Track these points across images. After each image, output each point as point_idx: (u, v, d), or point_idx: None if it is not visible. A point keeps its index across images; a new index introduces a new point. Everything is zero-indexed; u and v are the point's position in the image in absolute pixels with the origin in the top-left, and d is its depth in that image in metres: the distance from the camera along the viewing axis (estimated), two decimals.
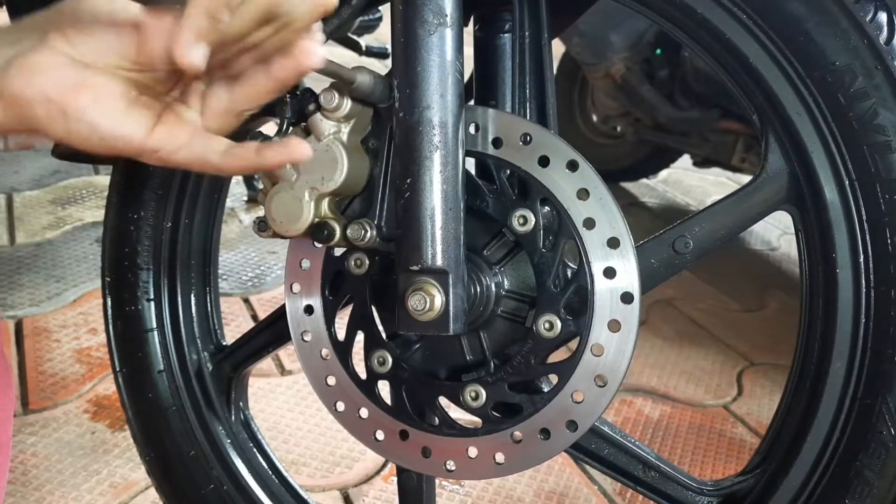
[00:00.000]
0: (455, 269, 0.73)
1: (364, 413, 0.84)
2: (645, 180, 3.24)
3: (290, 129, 0.79)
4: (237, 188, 2.65)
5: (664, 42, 2.37)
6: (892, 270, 0.69)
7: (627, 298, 0.73)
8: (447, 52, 0.72)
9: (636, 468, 0.82)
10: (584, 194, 0.74)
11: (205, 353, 1.03)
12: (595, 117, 3.00)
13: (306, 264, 0.85)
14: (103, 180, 2.69)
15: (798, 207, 0.74)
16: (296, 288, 0.86)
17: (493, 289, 0.80)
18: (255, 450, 1.04)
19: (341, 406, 0.86)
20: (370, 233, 0.75)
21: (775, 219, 2.78)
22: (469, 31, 0.83)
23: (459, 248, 0.74)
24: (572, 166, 0.74)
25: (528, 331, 0.77)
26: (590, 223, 0.74)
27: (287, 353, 1.79)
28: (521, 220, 0.75)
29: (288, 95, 0.79)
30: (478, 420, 0.80)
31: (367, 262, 0.82)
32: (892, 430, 0.70)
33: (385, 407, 0.84)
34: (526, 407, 0.77)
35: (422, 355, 0.84)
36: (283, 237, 0.86)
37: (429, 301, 0.72)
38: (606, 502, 1.44)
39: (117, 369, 1.05)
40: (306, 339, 0.86)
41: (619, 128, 2.84)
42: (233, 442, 1.02)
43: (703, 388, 1.84)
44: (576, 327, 0.75)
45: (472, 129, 0.77)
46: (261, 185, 0.84)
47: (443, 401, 0.82)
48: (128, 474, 1.40)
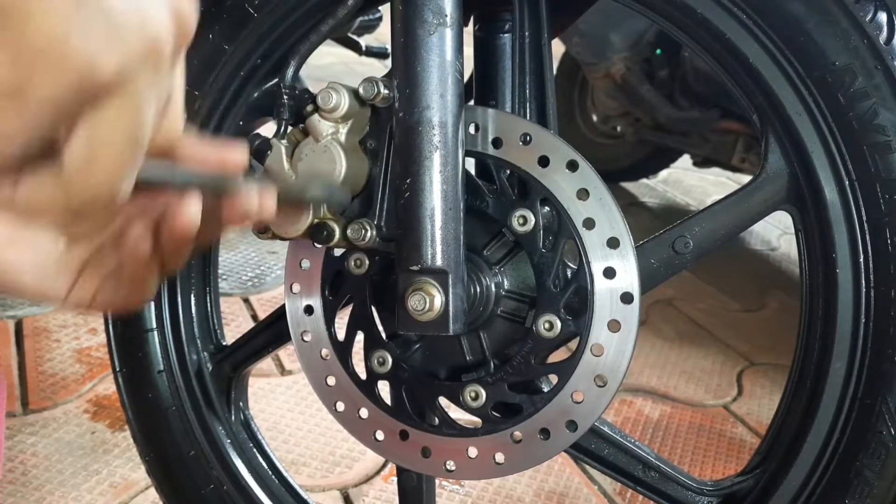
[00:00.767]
0: (455, 269, 0.73)
1: (364, 413, 0.84)
2: (645, 180, 3.24)
3: (289, 130, 0.79)
4: None
5: (664, 42, 2.37)
6: (892, 270, 0.69)
7: (627, 298, 0.73)
8: (447, 52, 0.72)
9: (636, 468, 0.82)
10: (583, 194, 0.74)
11: (205, 353, 1.03)
12: (595, 117, 3.00)
13: (306, 264, 0.85)
14: None
15: (798, 207, 0.74)
16: (296, 288, 0.86)
17: (493, 289, 0.80)
18: (255, 450, 1.04)
19: (341, 406, 0.86)
20: (370, 233, 0.75)
21: (775, 219, 2.78)
22: (469, 31, 0.83)
23: (459, 248, 0.74)
24: (572, 166, 0.74)
25: (528, 331, 0.77)
26: (590, 223, 0.74)
27: (287, 353, 1.79)
28: (521, 221, 0.75)
29: (285, 97, 0.79)
30: (478, 420, 0.80)
31: (367, 263, 0.82)
32: (892, 430, 0.70)
33: (385, 407, 0.84)
34: (526, 407, 0.77)
35: (422, 355, 0.84)
36: (282, 238, 0.86)
37: (428, 301, 0.72)
38: (606, 502, 1.44)
39: (117, 369, 1.05)
40: (306, 339, 0.86)
41: (619, 128, 2.85)
42: (233, 442, 1.02)
43: (703, 388, 1.84)
44: (576, 327, 0.75)
45: (472, 129, 0.77)
46: None
47: (443, 401, 0.82)
48: (128, 474, 1.40)
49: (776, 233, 2.81)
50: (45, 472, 1.39)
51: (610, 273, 0.73)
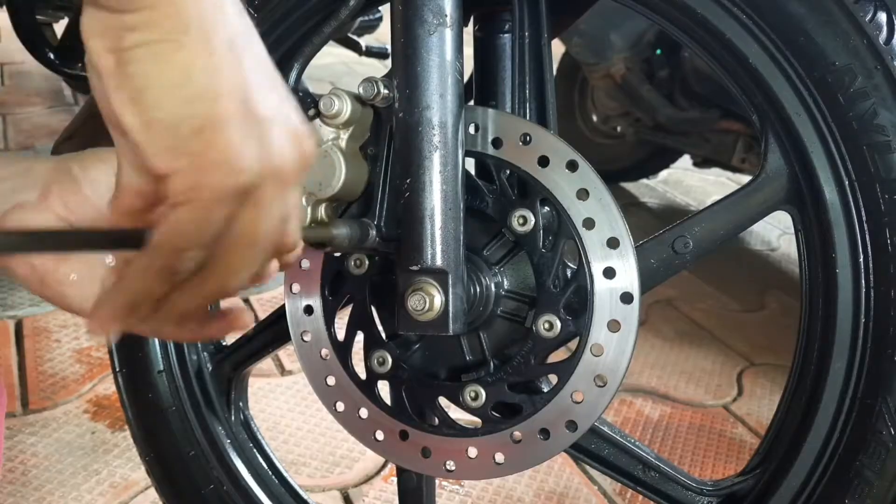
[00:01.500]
0: (455, 269, 0.73)
1: (364, 413, 0.84)
2: (645, 180, 3.24)
3: None
4: None
5: (664, 42, 2.37)
6: (892, 270, 0.69)
7: (627, 298, 0.73)
8: (447, 53, 0.72)
9: (636, 468, 0.82)
10: (583, 194, 0.74)
11: (205, 354, 1.03)
12: (595, 117, 2.99)
13: (306, 265, 0.85)
14: None
15: (798, 207, 0.74)
16: (295, 288, 0.86)
17: (493, 289, 0.80)
18: (255, 450, 1.04)
19: (341, 406, 0.86)
20: (370, 234, 0.75)
21: (775, 219, 2.78)
22: (469, 31, 0.83)
23: (459, 248, 0.74)
24: (572, 166, 0.74)
25: (528, 331, 0.77)
26: (589, 223, 0.74)
27: (287, 353, 1.79)
28: (521, 221, 0.75)
29: None
30: (477, 420, 0.80)
31: (367, 263, 0.82)
32: (892, 430, 0.70)
33: (385, 407, 0.84)
34: (526, 407, 0.77)
35: (421, 355, 0.84)
36: None
37: (428, 301, 0.72)
38: (606, 502, 1.44)
39: (117, 369, 1.05)
40: (306, 339, 0.86)
41: (619, 128, 2.84)
42: (233, 442, 1.02)
43: (703, 388, 1.84)
44: (575, 327, 0.75)
45: (471, 130, 0.77)
46: None
47: (442, 401, 0.82)
48: (128, 474, 1.40)
49: (776, 233, 2.81)
50: (45, 472, 1.39)
51: (610, 273, 0.73)
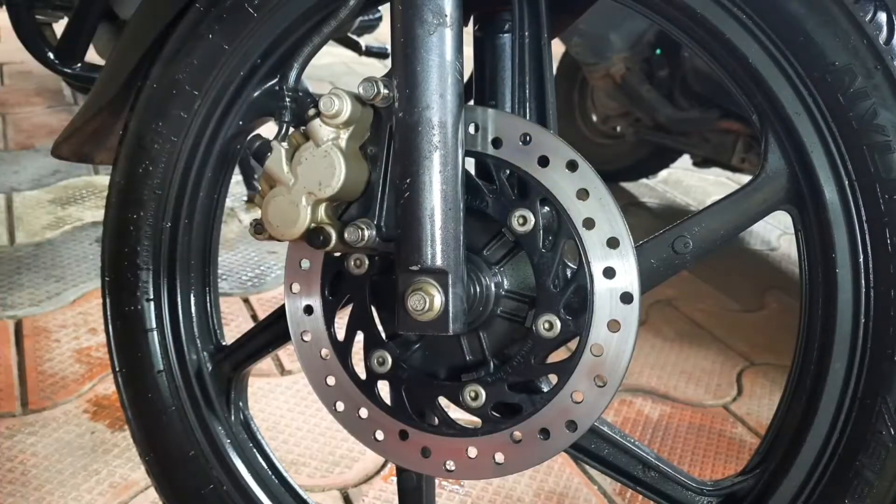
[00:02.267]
0: (455, 269, 0.73)
1: (364, 413, 0.84)
2: (645, 180, 3.24)
3: (290, 133, 0.79)
4: (237, 188, 2.65)
5: (664, 42, 2.37)
6: (892, 270, 0.69)
7: (627, 298, 0.73)
8: (447, 52, 0.72)
9: (636, 468, 0.82)
10: (583, 194, 0.74)
11: (204, 353, 1.03)
12: (595, 117, 2.99)
13: (306, 264, 0.85)
14: (103, 180, 2.69)
15: (798, 207, 0.74)
16: (295, 288, 0.86)
17: (493, 289, 0.80)
18: (255, 450, 1.04)
19: (341, 406, 0.86)
20: (368, 235, 0.75)
21: (775, 219, 2.78)
22: (469, 31, 0.83)
23: (459, 248, 0.74)
24: (572, 166, 0.74)
25: (528, 331, 0.77)
26: (589, 223, 0.74)
27: (287, 353, 1.79)
28: (521, 220, 0.75)
29: (287, 100, 0.79)
30: (477, 420, 0.80)
31: (367, 263, 0.82)
32: (892, 430, 0.70)
33: (385, 407, 0.84)
34: (525, 407, 0.77)
35: (421, 355, 0.84)
36: (278, 241, 0.86)
37: (428, 301, 0.72)
38: (606, 502, 1.44)
39: (117, 369, 1.05)
40: (306, 339, 0.86)
41: (619, 128, 2.84)
42: (232, 442, 1.02)
43: (703, 388, 1.84)
44: (575, 327, 0.75)
45: (471, 129, 0.77)
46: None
47: (442, 401, 0.82)
48: (128, 474, 1.40)
49: (776, 233, 2.81)
50: (45, 472, 1.39)
51: (610, 273, 0.73)
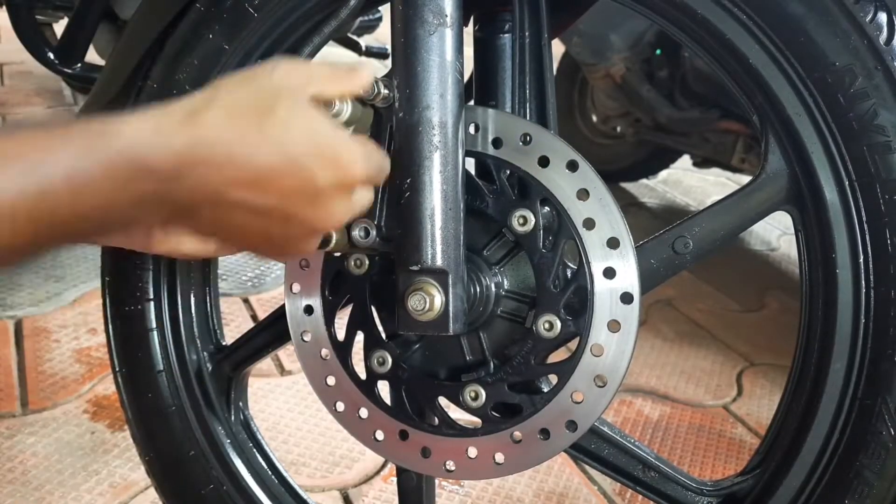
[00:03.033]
0: (455, 269, 0.73)
1: (364, 413, 0.84)
2: (645, 180, 3.24)
3: None
4: None
5: (664, 42, 2.37)
6: (892, 270, 0.69)
7: (627, 299, 0.73)
8: (447, 52, 0.72)
9: (636, 468, 0.82)
10: (584, 194, 0.74)
11: (204, 353, 1.03)
12: (595, 117, 2.99)
13: (306, 264, 0.85)
14: None
15: (798, 208, 0.74)
16: (295, 288, 0.86)
17: (493, 289, 0.80)
18: (255, 450, 1.04)
19: (341, 406, 0.86)
20: (370, 234, 0.75)
21: (775, 219, 2.78)
22: (469, 31, 0.83)
23: (459, 248, 0.74)
24: (572, 166, 0.74)
25: (528, 331, 0.77)
26: (590, 223, 0.74)
27: (287, 353, 1.78)
28: (521, 221, 0.75)
29: None
30: (477, 420, 0.80)
31: (367, 263, 0.82)
32: (892, 431, 0.70)
33: (385, 407, 0.84)
34: (526, 407, 0.77)
35: (421, 355, 0.84)
36: None
37: (428, 301, 0.72)
38: (606, 502, 1.44)
39: (117, 369, 1.05)
40: (306, 339, 0.86)
41: (619, 128, 2.84)
42: (232, 442, 1.02)
43: (703, 388, 1.84)
44: (575, 327, 0.75)
45: (472, 129, 0.77)
46: None
47: (442, 401, 0.82)
48: (128, 474, 1.40)
49: (776, 233, 2.81)
50: (44, 472, 1.39)
51: (610, 273, 0.73)
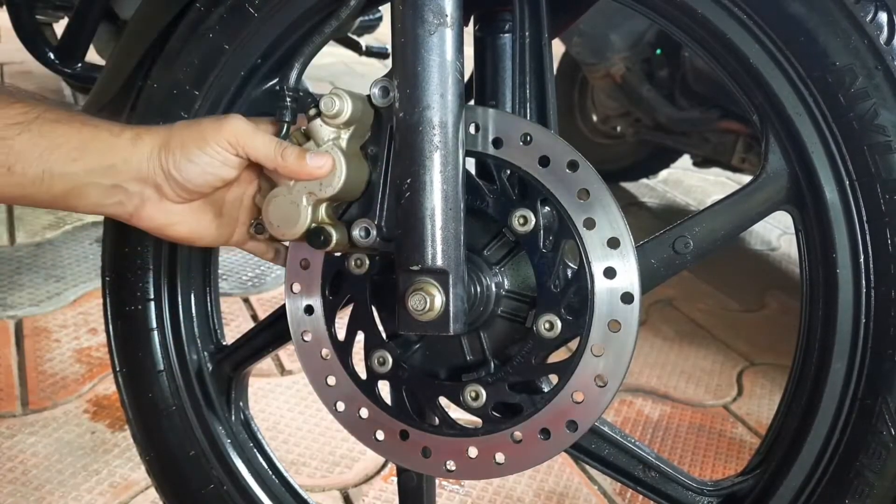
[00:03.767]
0: (455, 269, 0.73)
1: (364, 413, 0.84)
2: (645, 180, 3.24)
3: (290, 132, 0.79)
4: None
5: (664, 42, 2.37)
6: (892, 270, 0.69)
7: (627, 298, 0.73)
8: (447, 52, 0.72)
9: (636, 468, 0.82)
10: (584, 194, 0.74)
11: (205, 353, 1.03)
12: (595, 117, 3.00)
13: (306, 264, 0.85)
14: None
15: (798, 207, 0.74)
16: (296, 288, 0.86)
17: (493, 289, 0.80)
18: (255, 450, 1.04)
19: (341, 406, 0.86)
20: (370, 234, 0.75)
21: (775, 219, 2.78)
22: (469, 31, 0.83)
23: (459, 248, 0.74)
24: (572, 166, 0.74)
25: (529, 331, 0.77)
26: (590, 223, 0.74)
27: (287, 353, 1.79)
28: (522, 221, 0.75)
29: (288, 99, 0.79)
30: (478, 420, 0.80)
31: (368, 263, 0.82)
32: (892, 431, 0.70)
33: (385, 407, 0.84)
34: (526, 407, 0.77)
35: (422, 355, 0.84)
36: (279, 241, 0.85)
37: (429, 301, 0.72)
38: (606, 502, 1.44)
39: (117, 369, 1.05)
40: (306, 339, 0.86)
41: (619, 128, 2.84)
42: (233, 442, 1.02)
43: (703, 388, 1.84)
44: (576, 327, 0.75)
45: (472, 129, 0.77)
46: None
47: (443, 401, 0.82)
48: (128, 474, 1.40)
49: (776, 233, 2.81)
50: (45, 472, 1.39)
51: (610, 273, 0.73)
